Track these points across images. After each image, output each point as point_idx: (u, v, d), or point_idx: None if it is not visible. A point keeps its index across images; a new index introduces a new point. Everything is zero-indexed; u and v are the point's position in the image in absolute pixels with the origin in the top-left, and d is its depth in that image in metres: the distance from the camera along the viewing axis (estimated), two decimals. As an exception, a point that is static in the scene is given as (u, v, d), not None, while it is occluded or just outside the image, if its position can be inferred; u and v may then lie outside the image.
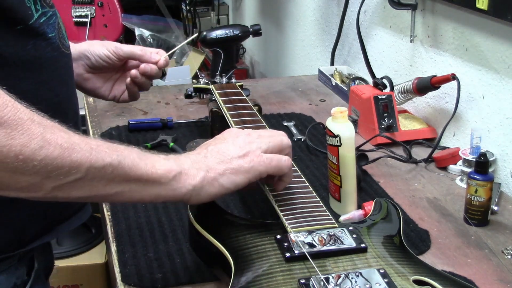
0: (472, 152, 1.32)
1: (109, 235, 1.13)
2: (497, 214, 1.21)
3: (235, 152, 0.90)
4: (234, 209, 1.20)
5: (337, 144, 1.13)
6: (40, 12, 0.91)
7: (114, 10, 3.35)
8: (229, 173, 0.88)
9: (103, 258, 2.24)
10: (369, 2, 1.86)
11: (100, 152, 0.78)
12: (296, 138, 1.55)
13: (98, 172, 0.78)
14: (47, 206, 0.95)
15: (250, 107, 1.28)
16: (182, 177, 0.85)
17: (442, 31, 1.53)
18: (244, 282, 0.84)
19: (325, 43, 2.29)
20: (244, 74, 3.26)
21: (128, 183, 0.81)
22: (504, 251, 1.09)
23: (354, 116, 1.59)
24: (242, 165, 0.89)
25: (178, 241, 1.10)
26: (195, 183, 0.86)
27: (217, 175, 0.88)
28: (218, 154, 0.90)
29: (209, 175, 0.87)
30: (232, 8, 3.69)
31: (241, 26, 1.64)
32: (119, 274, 1.02)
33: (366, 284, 0.82)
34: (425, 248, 1.10)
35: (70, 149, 0.75)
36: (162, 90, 1.93)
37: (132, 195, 0.83)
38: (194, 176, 0.86)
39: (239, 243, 0.91)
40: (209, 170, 0.87)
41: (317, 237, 0.91)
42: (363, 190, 1.28)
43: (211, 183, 0.87)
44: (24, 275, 0.96)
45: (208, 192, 0.88)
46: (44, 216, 0.96)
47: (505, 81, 1.33)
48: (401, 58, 1.74)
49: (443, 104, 1.56)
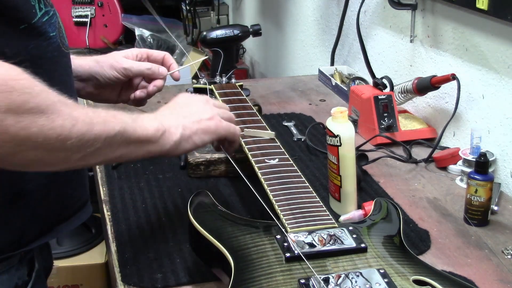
0: (472, 152, 1.32)
1: (109, 235, 1.13)
2: (497, 214, 1.21)
3: (204, 115, 1.03)
4: (234, 209, 1.20)
5: (337, 144, 1.13)
6: (43, 11, 0.91)
7: (114, 10, 3.35)
8: (200, 132, 1.01)
9: (103, 258, 2.24)
10: (369, 2, 1.86)
11: (110, 122, 0.86)
12: (296, 138, 1.55)
13: (111, 140, 0.86)
14: (48, 206, 0.96)
15: (250, 107, 1.28)
16: (166, 135, 0.96)
17: (442, 31, 1.53)
18: (244, 282, 0.84)
19: (325, 43, 2.29)
20: (244, 74, 3.26)
21: (129, 145, 0.90)
22: (504, 251, 1.09)
23: (354, 116, 1.59)
24: (209, 126, 1.03)
25: (178, 241, 1.10)
26: (175, 139, 0.97)
27: (191, 133, 1.00)
28: (190, 115, 1.02)
29: (185, 133, 0.99)
30: (232, 8, 3.69)
31: (241, 26, 1.64)
32: (119, 274, 1.02)
33: (366, 284, 0.82)
34: (425, 248, 1.10)
35: (91, 123, 0.83)
36: (162, 90, 1.92)
37: (131, 155, 0.92)
38: (174, 134, 0.97)
39: (239, 243, 0.91)
40: (185, 129, 0.99)
41: (317, 237, 0.91)
42: (363, 190, 1.28)
43: (186, 140, 0.99)
44: (25, 276, 0.97)
45: (184, 147, 0.99)
46: (44, 216, 0.96)
47: (505, 81, 1.33)
48: (401, 58, 1.74)
49: (443, 104, 1.56)
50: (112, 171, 1.36)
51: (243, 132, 1.18)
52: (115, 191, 1.28)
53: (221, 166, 1.32)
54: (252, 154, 1.12)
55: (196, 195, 1.03)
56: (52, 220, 0.99)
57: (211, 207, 1.01)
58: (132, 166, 1.38)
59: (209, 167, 1.32)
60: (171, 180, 1.33)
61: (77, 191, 1.03)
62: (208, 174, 1.33)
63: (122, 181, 1.32)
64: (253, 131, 1.19)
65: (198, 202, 1.01)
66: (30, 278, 0.98)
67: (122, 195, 1.26)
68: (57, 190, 0.98)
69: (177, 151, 0.99)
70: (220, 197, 1.24)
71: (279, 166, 1.09)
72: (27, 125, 0.75)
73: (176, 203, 1.23)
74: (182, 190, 1.28)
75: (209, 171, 1.32)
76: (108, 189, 1.29)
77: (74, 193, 1.02)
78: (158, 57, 1.28)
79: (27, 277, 0.97)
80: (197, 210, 0.98)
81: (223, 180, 1.32)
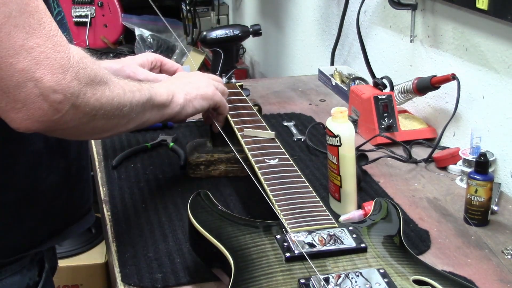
0: (472, 152, 1.32)
1: (109, 235, 1.13)
2: (497, 214, 1.21)
3: (202, 83, 1.16)
4: (234, 209, 1.20)
5: (337, 144, 1.13)
6: (57, 11, 0.94)
7: (114, 10, 3.34)
8: (199, 98, 1.13)
9: (103, 258, 2.24)
10: (369, 2, 1.86)
11: (141, 90, 0.97)
12: (296, 138, 1.55)
13: (144, 105, 0.97)
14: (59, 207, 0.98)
15: (250, 107, 1.28)
16: (174, 98, 1.07)
17: (442, 31, 1.53)
18: (244, 282, 0.84)
19: (325, 43, 2.29)
20: (244, 74, 3.26)
21: (153, 109, 1.01)
22: (504, 251, 1.09)
23: (354, 116, 1.59)
24: (207, 92, 1.15)
25: (178, 241, 1.10)
26: (180, 103, 1.09)
27: (192, 98, 1.12)
28: (190, 84, 1.14)
29: (187, 97, 1.11)
30: (232, 8, 3.69)
31: (241, 26, 1.64)
32: (119, 274, 1.02)
33: (366, 284, 0.82)
34: (425, 248, 1.10)
35: (132, 91, 0.93)
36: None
37: (152, 119, 1.02)
38: (179, 98, 1.09)
39: (239, 243, 0.91)
40: (187, 94, 1.11)
41: (317, 237, 0.91)
42: (363, 190, 1.28)
43: (188, 104, 1.11)
44: (35, 276, 0.99)
45: (187, 111, 1.11)
46: (55, 217, 0.99)
47: (505, 81, 1.33)
48: (401, 58, 1.74)
49: (443, 104, 1.56)
50: (112, 171, 1.36)
51: (243, 132, 1.19)
52: (115, 191, 1.28)
53: (221, 166, 1.32)
54: (252, 154, 1.12)
55: (196, 195, 1.03)
56: (62, 222, 1.01)
57: (211, 207, 1.01)
58: (132, 166, 1.38)
59: (209, 167, 1.32)
60: (171, 180, 1.33)
61: (85, 194, 1.05)
62: (208, 174, 1.32)
63: (122, 181, 1.32)
64: (253, 131, 1.19)
65: (198, 202, 1.01)
66: (41, 278, 1.00)
67: (122, 195, 1.26)
68: (67, 191, 1.00)
69: (182, 115, 1.09)
70: (220, 197, 1.24)
71: (279, 166, 1.09)
72: (100, 96, 0.83)
73: (176, 203, 1.22)
74: (182, 190, 1.27)
75: (209, 171, 1.32)
76: (108, 189, 1.29)
77: (83, 195, 1.05)
78: (171, 68, 1.34)
79: (38, 277, 1.00)
80: (197, 210, 0.98)
81: (223, 180, 1.32)
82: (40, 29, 0.75)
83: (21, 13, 0.74)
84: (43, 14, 0.76)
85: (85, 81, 0.79)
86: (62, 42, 0.77)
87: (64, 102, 0.77)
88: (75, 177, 1.01)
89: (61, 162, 0.97)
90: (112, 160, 1.39)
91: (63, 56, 0.77)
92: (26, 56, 0.74)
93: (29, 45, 0.74)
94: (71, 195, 1.01)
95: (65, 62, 0.77)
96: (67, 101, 0.77)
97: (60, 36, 0.78)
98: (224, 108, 1.21)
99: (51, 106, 0.76)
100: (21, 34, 0.74)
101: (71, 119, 0.80)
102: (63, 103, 0.77)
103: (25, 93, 0.75)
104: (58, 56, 0.76)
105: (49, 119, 0.78)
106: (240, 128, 1.20)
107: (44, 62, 0.75)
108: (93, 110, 0.82)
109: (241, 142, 1.16)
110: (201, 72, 1.24)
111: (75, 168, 1.00)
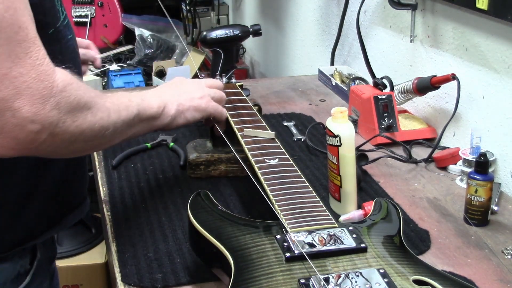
0: (472, 152, 1.32)
1: (109, 235, 1.13)
2: (497, 214, 1.21)
3: (196, 94, 1.15)
4: (234, 209, 1.20)
5: (337, 144, 1.13)
6: (64, 15, 0.95)
7: (114, 10, 3.35)
8: (192, 109, 1.12)
9: (103, 258, 2.24)
10: (369, 2, 1.86)
11: (130, 107, 0.97)
12: (296, 138, 1.55)
13: (131, 122, 0.97)
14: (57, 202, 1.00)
15: (250, 107, 1.28)
16: (166, 110, 1.07)
17: (442, 31, 1.53)
18: (244, 282, 0.84)
19: (325, 43, 2.29)
20: (244, 74, 3.26)
21: (142, 123, 1.01)
22: (504, 251, 1.09)
23: (354, 116, 1.59)
24: (200, 104, 1.14)
25: (178, 241, 1.10)
26: (172, 114, 1.08)
27: (184, 109, 1.11)
28: (184, 93, 1.13)
29: (179, 108, 1.10)
30: (232, 8, 3.69)
31: (241, 26, 1.64)
32: (119, 274, 1.02)
33: (366, 284, 0.82)
34: (425, 248, 1.10)
35: (119, 110, 0.93)
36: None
37: (141, 131, 1.03)
38: (171, 109, 1.08)
39: (239, 243, 0.91)
40: (179, 105, 1.10)
41: (317, 237, 0.91)
42: (363, 190, 1.28)
43: (179, 116, 1.10)
44: (27, 264, 1.00)
45: (178, 122, 1.10)
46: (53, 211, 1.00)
47: (505, 81, 1.33)
48: (401, 58, 1.74)
49: (443, 104, 1.56)
50: (112, 171, 1.36)
51: (243, 132, 1.19)
52: (115, 191, 1.28)
53: (221, 166, 1.32)
54: (252, 154, 1.12)
55: (196, 195, 1.03)
56: (59, 214, 1.03)
57: (211, 207, 1.01)
58: (132, 166, 1.38)
59: (209, 167, 1.32)
60: (171, 180, 1.33)
61: (81, 187, 1.07)
62: (208, 174, 1.33)
63: (122, 181, 1.32)
64: (253, 131, 1.19)
65: (198, 202, 1.01)
66: (32, 267, 1.01)
67: (122, 195, 1.26)
68: (65, 187, 1.02)
69: (172, 125, 1.09)
70: (220, 197, 1.24)
71: (279, 166, 1.09)
72: (81, 122, 0.83)
73: (176, 203, 1.22)
74: (182, 190, 1.28)
75: (209, 171, 1.32)
76: (108, 189, 1.29)
77: (79, 188, 1.07)
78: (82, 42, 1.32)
79: (29, 266, 1.00)
80: (197, 210, 0.98)
81: (223, 180, 1.32)
82: (25, 58, 0.76)
83: (8, 42, 0.75)
84: (32, 42, 0.77)
85: (66, 110, 0.80)
86: (48, 71, 0.78)
87: (42, 132, 0.78)
88: (74, 172, 1.03)
89: (61, 160, 0.98)
90: (112, 160, 1.38)
91: (46, 86, 0.77)
92: (8, 85, 0.75)
93: (12, 74, 0.75)
94: (67, 191, 1.03)
95: (47, 92, 0.77)
96: (45, 130, 0.78)
97: (47, 65, 0.78)
98: (221, 116, 1.19)
99: (27, 136, 0.77)
100: (6, 63, 0.75)
101: (48, 145, 0.80)
102: (40, 133, 0.78)
103: (2, 122, 0.76)
104: (41, 86, 0.77)
105: (25, 148, 0.79)
106: (240, 128, 1.20)
107: (25, 92, 0.75)
108: (72, 137, 0.83)
109: (241, 142, 1.16)
110: (198, 79, 1.23)
111: (74, 162, 1.02)
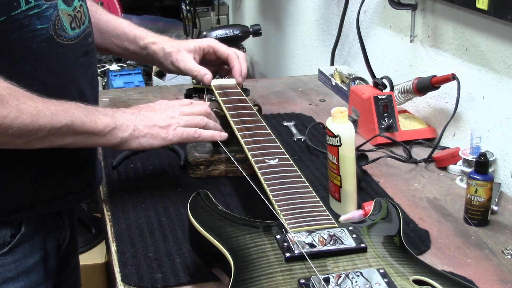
0: (472, 152, 1.32)
1: (109, 235, 1.13)
2: (497, 214, 1.21)
3: (159, 122, 1.14)
4: (234, 209, 1.20)
5: (337, 144, 1.13)
6: (31, 4, 0.96)
7: (114, 10, 3.34)
8: (149, 136, 1.13)
9: (103, 258, 2.24)
10: (369, 2, 1.86)
11: (58, 116, 0.98)
12: (296, 138, 1.55)
13: (57, 131, 0.99)
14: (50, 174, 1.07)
15: (250, 107, 1.28)
16: (115, 131, 1.08)
17: (442, 31, 1.53)
18: (244, 282, 0.84)
19: (325, 43, 2.29)
20: (244, 74, 3.25)
21: (77, 136, 1.03)
22: (504, 251, 1.09)
23: (354, 116, 1.59)
24: (159, 134, 1.14)
25: (178, 241, 1.10)
26: (123, 136, 1.10)
27: (140, 135, 1.12)
28: (146, 119, 1.14)
29: (134, 133, 1.11)
30: (232, 8, 3.69)
31: (241, 26, 1.64)
32: (119, 274, 1.02)
33: (366, 284, 0.82)
34: (425, 248, 1.10)
35: (38, 116, 0.95)
36: (162, 90, 1.93)
37: (79, 144, 1.05)
38: (123, 131, 1.10)
39: (239, 243, 0.91)
40: (136, 130, 1.11)
41: (317, 237, 0.91)
42: (363, 190, 1.28)
43: (133, 140, 1.11)
44: (7, 237, 1.05)
45: (131, 145, 1.12)
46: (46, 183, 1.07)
47: (505, 81, 1.33)
48: (401, 58, 1.74)
49: (443, 104, 1.56)
50: (112, 171, 1.36)
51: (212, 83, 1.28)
52: (115, 191, 1.28)
53: (221, 166, 1.32)
54: (252, 154, 1.12)
55: (196, 195, 1.03)
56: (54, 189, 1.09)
57: (211, 207, 1.01)
58: (132, 166, 1.38)
59: (209, 167, 1.32)
60: (171, 180, 1.33)
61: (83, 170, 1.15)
62: (208, 174, 1.33)
63: (122, 181, 1.32)
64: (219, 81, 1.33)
65: (198, 202, 1.01)
66: (13, 240, 1.05)
67: (122, 195, 1.26)
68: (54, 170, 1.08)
69: (124, 147, 1.11)
70: (220, 197, 1.24)
71: (279, 166, 1.09)
72: None
73: (176, 203, 1.22)
74: (182, 190, 1.28)
75: (209, 171, 1.32)
76: (108, 189, 1.29)
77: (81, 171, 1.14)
78: (222, 55, 1.37)
79: (10, 239, 1.05)
80: (197, 210, 0.98)
81: (223, 180, 1.32)
82: None
83: None
84: None
85: None
86: None
87: None
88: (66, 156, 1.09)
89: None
90: (112, 160, 1.39)
91: None
92: None
93: None
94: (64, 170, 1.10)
95: None
96: None
97: None
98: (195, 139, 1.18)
99: None
100: None
101: None
102: None
103: None
104: None
105: None
106: (240, 128, 1.20)
107: None
108: None
109: (241, 142, 1.16)
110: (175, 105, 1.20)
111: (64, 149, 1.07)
